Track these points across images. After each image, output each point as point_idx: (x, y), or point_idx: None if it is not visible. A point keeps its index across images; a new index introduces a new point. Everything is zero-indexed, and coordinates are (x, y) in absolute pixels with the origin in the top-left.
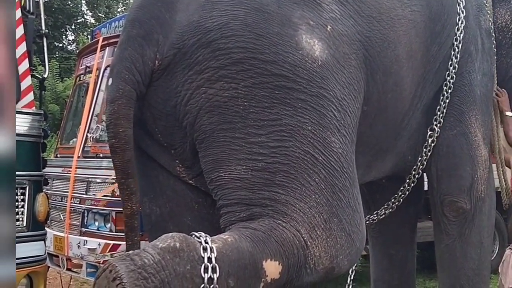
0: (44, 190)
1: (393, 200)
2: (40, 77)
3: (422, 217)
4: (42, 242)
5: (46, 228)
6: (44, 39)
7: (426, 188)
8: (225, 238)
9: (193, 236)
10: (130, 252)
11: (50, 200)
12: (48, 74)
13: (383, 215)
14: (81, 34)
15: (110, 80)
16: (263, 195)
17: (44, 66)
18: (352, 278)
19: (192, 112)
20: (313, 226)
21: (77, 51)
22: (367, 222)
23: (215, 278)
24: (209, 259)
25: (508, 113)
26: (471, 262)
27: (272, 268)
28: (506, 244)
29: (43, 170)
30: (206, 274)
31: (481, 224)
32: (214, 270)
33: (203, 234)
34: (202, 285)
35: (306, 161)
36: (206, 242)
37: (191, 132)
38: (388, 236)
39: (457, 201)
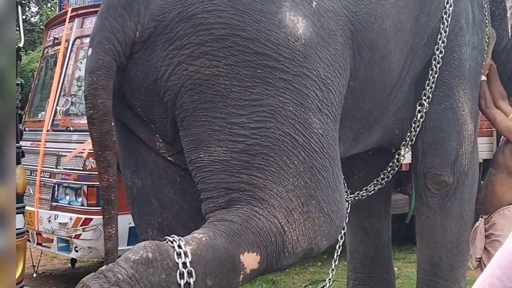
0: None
1: (382, 176)
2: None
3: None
4: (21, 215)
5: None
6: (19, 8)
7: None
8: (199, 237)
9: (167, 240)
10: (104, 268)
11: None
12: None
13: (372, 191)
14: (44, 6)
15: (90, 50)
16: (242, 178)
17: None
18: (338, 253)
19: (173, 89)
20: (291, 210)
21: (41, 23)
22: (356, 198)
23: (192, 283)
24: (184, 264)
25: (482, 77)
26: (450, 234)
27: (250, 260)
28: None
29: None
30: (182, 280)
31: (462, 197)
32: (190, 274)
33: (176, 237)
34: None
35: (286, 143)
36: (180, 247)
37: (172, 109)
38: (362, 209)
39: (440, 174)
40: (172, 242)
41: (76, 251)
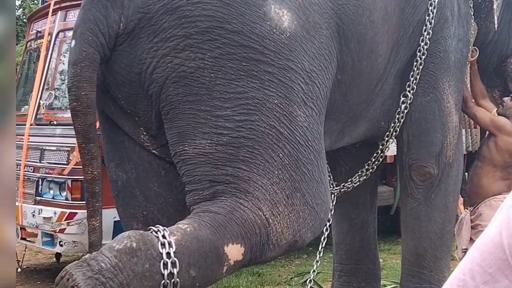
0: None
1: (366, 167)
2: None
3: None
4: None
5: None
6: None
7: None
8: (184, 228)
9: (151, 231)
10: (87, 256)
11: None
12: None
13: (358, 183)
14: None
15: (73, 42)
16: (227, 171)
17: None
18: (323, 245)
19: (158, 82)
20: (275, 202)
21: (24, 16)
22: (342, 190)
23: (175, 273)
24: (168, 254)
25: None
26: (434, 225)
27: (235, 251)
28: None
29: None
30: (165, 270)
31: (447, 188)
32: (173, 264)
33: (161, 228)
34: (163, 281)
35: (271, 136)
36: (164, 237)
37: (157, 102)
38: (349, 200)
39: (425, 166)
40: (156, 232)
41: (61, 245)
